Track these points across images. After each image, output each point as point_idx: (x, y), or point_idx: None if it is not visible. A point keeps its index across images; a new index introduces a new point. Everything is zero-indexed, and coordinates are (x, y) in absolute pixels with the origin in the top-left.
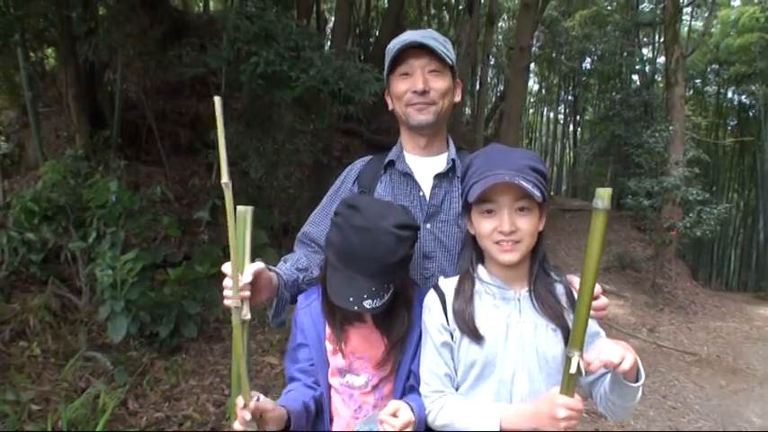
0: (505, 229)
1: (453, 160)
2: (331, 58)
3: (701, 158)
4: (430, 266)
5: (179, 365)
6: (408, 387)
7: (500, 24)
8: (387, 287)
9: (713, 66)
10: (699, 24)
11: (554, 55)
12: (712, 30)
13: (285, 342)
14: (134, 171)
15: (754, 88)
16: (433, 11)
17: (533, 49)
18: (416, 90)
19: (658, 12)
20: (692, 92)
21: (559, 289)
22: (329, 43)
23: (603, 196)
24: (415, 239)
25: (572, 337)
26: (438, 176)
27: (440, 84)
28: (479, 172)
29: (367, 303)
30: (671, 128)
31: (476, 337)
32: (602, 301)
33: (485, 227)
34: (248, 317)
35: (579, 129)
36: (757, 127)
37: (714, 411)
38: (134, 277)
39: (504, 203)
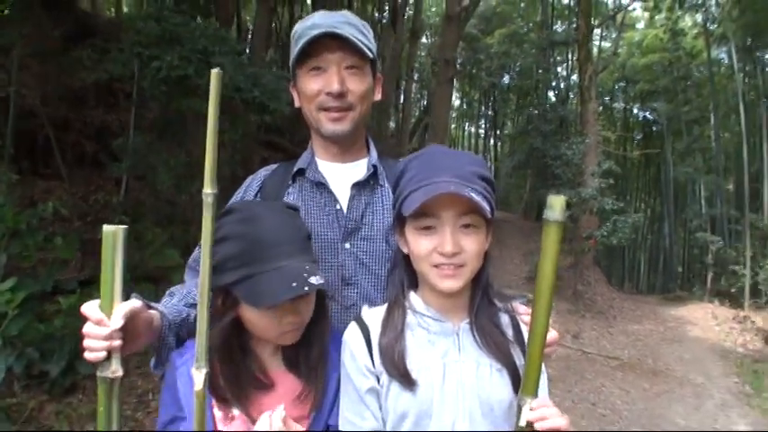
0: (447, 250)
1: (375, 166)
2: (245, 64)
3: (613, 170)
4: (351, 294)
5: (73, 409)
6: None
7: (424, 40)
8: (314, 264)
9: (620, 84)
10: (607, 45)
11: (474, 71)
12: (619, 50)
13: None
14: (30, 185)
15: (657, 105)
16: None
17: (457, 68)
18: (331, 92)
19: (571, 31)
20: (601, 108)
21: (504, 320)
22: (248, 51)
23: (555, 205)
24: (311, 235)
25: (524, 381)
26: (357, 185)
27: (359, 84)
28: (418, 179)
29: (314, 279)
30: (586, 140)
31: (407, 381)
32: (551, 334)
33: (422, 246)
34: (119, 373)
35: (499, 143)
36: (661, 141)
37: (641, 416)
38: (15, 309)
39: (447, 219)
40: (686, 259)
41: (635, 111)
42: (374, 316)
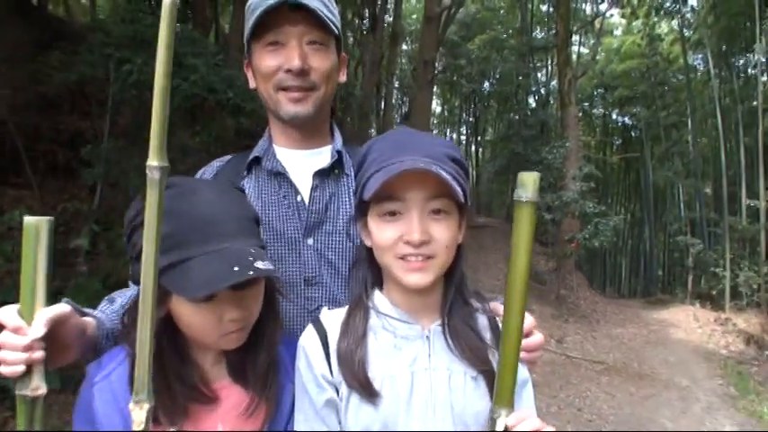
0: (414, 239)
1: (339, 152)
2: (219, 66)
3: (594, 174)
4: (315, 295)
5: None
6: None
7: (404, 47)
8: (262, 250)
9: (599, 90)
10: (586, 51)
11: (455, 78)
12: (597, 57)
13: None
14: None
15: (635, 110)
16: None
17: (436, 71)
18: (291, 69)
19: (550, 37)
20: (581, 114)
21: (482, 321)
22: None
23: (528, 183)
24: (259, 219)
25: (498, 389)
26: (319, 174)
27: (323, 61)
28: (381, 159)
29: (261, 264)
30: (567, 144)
31: (369, 393)
32: (536, 338)
33: (385, 235)
34: (42, 391)
35: (481, 149)
36: (640, 145)
37: (629, 420)
38: None
39: (414, 203)
40: (666, 263)
41: (614, 116)
42: (334, 318)
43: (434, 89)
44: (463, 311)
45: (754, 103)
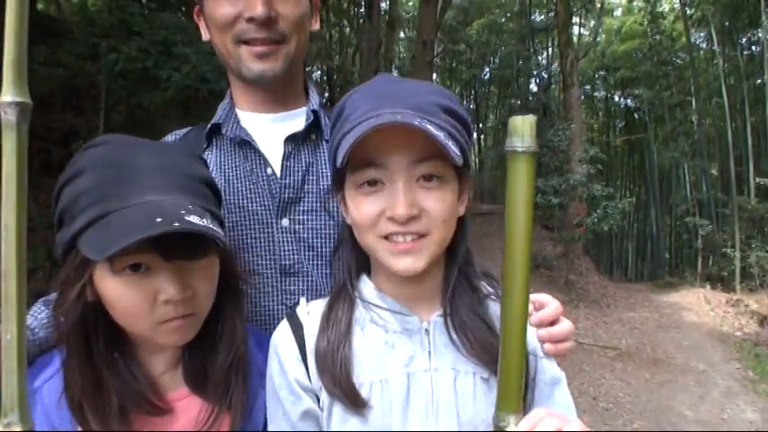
0: (399, 213)
1: (315, 113)
2: (211, 54)
3: (599, 156)
4: (295, 287)
5: None
6: None
7: (402, 35)
8: (206, 212)
9: (601, 72)
10: (585, 33)
11: (455, 65)
12: (598, 39)
13: None
14: None
15: (638, 91)
16: (333, 18)
17: (435, 54)
18: (254, 17)
19: (550, 19)
20: (583, 97)
21: (494, 310)
22: None
23: (524, 129)
24: (215, 187)
25: (500, 388)
26: (292, 141)
27: (293, 7)
28: (356, 115)
29: (196, 219)
30: (572, 125)
31: (354, 401)
32: (564, 326)
33: (364, 210)
34: None
35: (483, 136)
36: (643, 127)
37: (646, 408)
38: None
39: (398, 168)
40: (673, 245)
41: (616, 98)
42: (313, 311)
43: (434, 77)
44: (470, 298)
45: (760, 80)
